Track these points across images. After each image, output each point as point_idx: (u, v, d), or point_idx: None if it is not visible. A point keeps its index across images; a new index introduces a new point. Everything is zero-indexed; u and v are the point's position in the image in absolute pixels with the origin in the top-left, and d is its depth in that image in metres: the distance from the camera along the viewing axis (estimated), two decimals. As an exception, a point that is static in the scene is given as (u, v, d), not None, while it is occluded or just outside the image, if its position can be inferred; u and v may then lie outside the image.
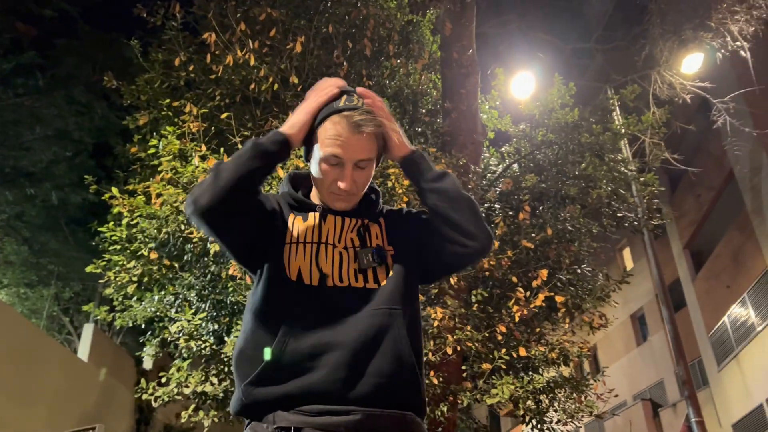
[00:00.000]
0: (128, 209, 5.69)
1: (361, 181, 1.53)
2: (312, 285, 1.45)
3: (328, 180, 1.51)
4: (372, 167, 1.55)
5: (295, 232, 1.52)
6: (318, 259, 1.48)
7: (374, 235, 1.57)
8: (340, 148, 1.46)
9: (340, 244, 1.52)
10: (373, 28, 6.21)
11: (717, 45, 9.78)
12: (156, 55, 6.29)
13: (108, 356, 13.78)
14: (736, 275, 14.81)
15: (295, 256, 1.48)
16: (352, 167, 1.48)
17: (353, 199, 1.56)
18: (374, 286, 1.47)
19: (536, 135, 7.90)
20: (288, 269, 1.46)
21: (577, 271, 6.60)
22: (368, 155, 1.51)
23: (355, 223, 1.57)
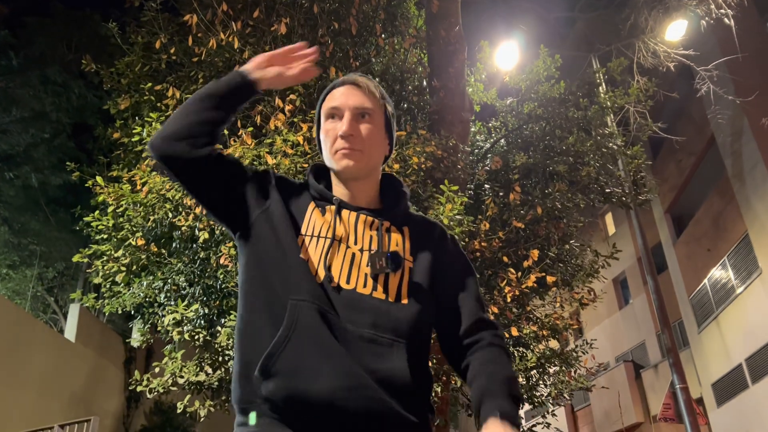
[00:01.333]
0: (114, 198, 5.59)
1: (365, 133, 1.43)
2: (317, 281, 1.33)
3: (330, 137, 1.44)
4: (377, 123, 1.47)
5: (311, 224, 1.42)
6: (328, 256, 1.37)
7: (394, 241, 1.44)
8: (336, 100, 1.45)
9: (355, 245, 1.40)
10: (358, 5, 6.07)
11: (701, 12, 9.75)
12: (136, 38, 6.11)
13: (95, 336, 13.75)
14: (717, 239, 15.05)
15: (307, 248, 1.38)
16: (351, 115, 1.42)
17: (360, 156, 1.42)
18: (382, 296, 1.35)
19: (523, 109, 7.87)
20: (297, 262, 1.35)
21: (565, 247, 6.65)
22: (368, 104, 1.44)
23: (373, 222, 1.44)
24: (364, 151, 1.43)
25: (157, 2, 6.00)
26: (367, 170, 1.47)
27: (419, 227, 1.52)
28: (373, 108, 1.45)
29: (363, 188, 1.48)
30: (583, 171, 6.43)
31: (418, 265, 1.44)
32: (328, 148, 1.44)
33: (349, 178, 1.46)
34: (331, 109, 1.45)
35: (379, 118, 1.47)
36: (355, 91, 1.45)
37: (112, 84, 6.28)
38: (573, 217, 6.92)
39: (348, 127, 1.40)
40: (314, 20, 6.11)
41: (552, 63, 8.46)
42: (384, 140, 1.50)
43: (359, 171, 1.45)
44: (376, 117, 1.46)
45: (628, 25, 9.66)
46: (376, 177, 1.52)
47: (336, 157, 1.43)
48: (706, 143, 15.46)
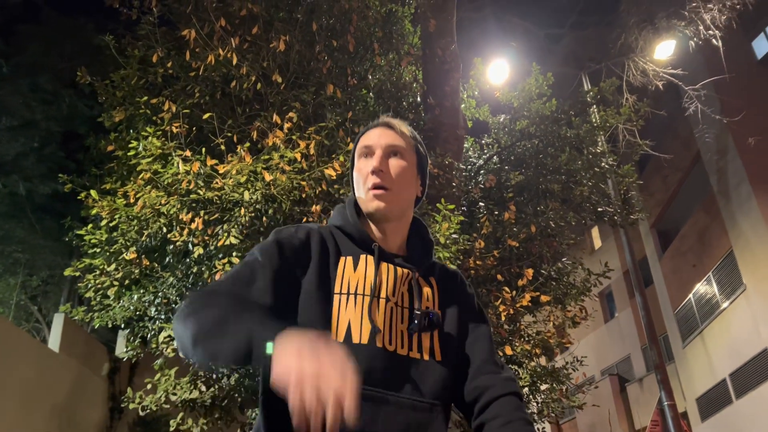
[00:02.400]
0: (108, 211, 5.54)
1: (395, 170, 1.43)
2: (361, 343, 1.31)
3: (362, 176, 1.45)
4: (409, 164, 1.46)
5: (345, 281, 1.38)
6: (371, 313, 1.34)
7: (425, 296, 1.45)
8: (369, 140, 1.47)
9: (393, 298, 1.39)
10: (355, 23, 6.10)
11: (690, 33, 9.91)
12: (132, 50, 6.08)
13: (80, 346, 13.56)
14: (702, 254, 15.22)
15: (345, 307, 1.34)
16: (382, 152, 1.44)
17: (390, 197, 1.42)
18: (417, 355, 1.36)
19: (515, 126, 7.93)
20: (336, 325, 1.32)
21: (558, 265, 6.69)
22: (400, 143, 1.46)
23: (407, 275, 1.43)
24: (394, 189, 1.43)
25: (154, 16, 5.98)
26: (398, 211, 1.47)
27: (444, 278, 1.53)
28: (404, 147, 1.47)
29: (395, 230, 1.48)
30: (576, 190, 6.48)
31: (447, 321, 1.45)
32: (361, 186, 1.45)
33: (381, 219, 1.46)
34: (363, 148, 1.47)
35: (411, 157, 1.48)
36: (388, 132, 1.48)
37: (106, 96, 6.24)
38: (564, 235, 6.97)
39: (378, 162, 1.42)
40: (312, 37, 6.12)
41: (544, 81, 8.54)
42: (415, 180, 1.50)
43: (390, 212, 1.45)
44: (408, 156, 1.47)
45: (618, 44, 9.78)
46: (408, 219, 1.52)
47: (367, 198, 1.43)
48: (692, 160, 15.66)
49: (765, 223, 12.55)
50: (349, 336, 1.31)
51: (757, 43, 16.25)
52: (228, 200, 5.43)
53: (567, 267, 6.79)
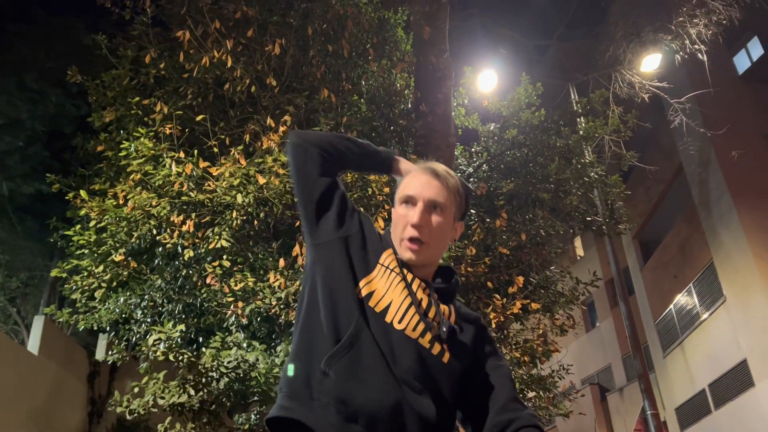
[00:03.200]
0: (97, 212, 5.48)
1: (433, 226, 1.49)
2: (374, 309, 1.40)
3: (401, 223, 1.51)
4: (448, 218, 1.52)
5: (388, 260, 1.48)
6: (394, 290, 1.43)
7: (443, 311, 1.49)
8: (413, 189, 1.52)
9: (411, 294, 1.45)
10: (351, 29, 6.12)
11: (676, 47, 10.06)
12: (124, 51, 6.03)
13: (59, 349, 13.37)
14: (683, 266, 15.40)
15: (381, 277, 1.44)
16: (423, 206, 1.48)
17: (425, 250, 1.49)
18: (427, 345, 1.40)
19: (505, 135, 7.99)
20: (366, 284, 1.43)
21: (546, 273, 6.74)
22: (442, 198, 1.50)
23: (426, 287, 1.50)
24: (430, 244, 1.49)
25: (148, 17, 5.94)
26: (429, 261, 1.53)
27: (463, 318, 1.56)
28: (445, 203, 1.51)
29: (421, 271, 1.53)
30: (566, 199, 6.55)
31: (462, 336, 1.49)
32: (398, 233, 1.51)
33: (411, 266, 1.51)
34: (406, 196, 1.52)
35: (450, 211, 1.53)
36: (433, 182, 1.52)
37: (97, 96, 6.18)
38: (552, 244, 7.03)
39: (419, 218, 1.47)
40: (306, 41, 6.13)
41: (533, 91, 8.63)
42: (450, 231, 1.56)
43: (421, 263, 1.50)
44: (448, 211, 1.52)
45: (606, 56, 9.91)
46: (436, 264, 1.58)
47: (402, 247, 1.50)
48: (674, 172, 15.87)
49: (745, 236, 12.74)
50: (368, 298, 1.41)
51: (739, 58, 16.56)
52: (220, 203, 5.41)
53: (555, 275, 6.84)
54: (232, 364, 4.90)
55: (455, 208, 1.55)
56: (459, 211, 1.57)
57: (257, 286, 5.22)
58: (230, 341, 5.30)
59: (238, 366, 4.88)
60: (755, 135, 14.03)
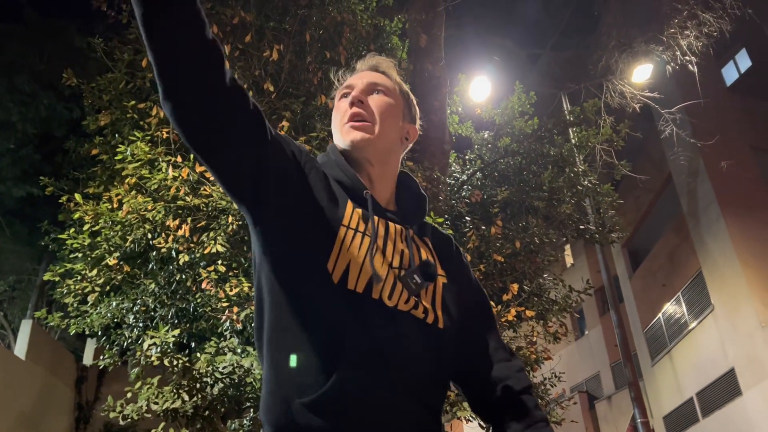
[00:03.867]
0: (91, 216, 5.45)
1: (377, 103, 1.30)
2: (356, 291, 1.14)
3: (341, 111, 1.32)
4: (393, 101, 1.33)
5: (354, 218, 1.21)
6: (373, 258, 1.18)
7: (424, 255, 1.29)
8: (351, 79, 1.36)
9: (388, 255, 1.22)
10: (348, 35, 6.14)
11: (667, 58, 10.18)
12: (121, 54, 6.02)
13: (47, 354, 13.24)
14: (672, 274, 15.52)
15: (349, 245, 1.17)
16: (363, 86, 1.31)
17: (370, 129, 1.28)
18: (421, 315, 1.20)
19: (498, 143, 8.04)
20: (334, 262, 1.14)
21: (539, 280, 6.78)
22: (384, 82, 1.34)
23: (401, 231, 1.27)
24: (374, 123, 1.29)
25: (145, 20, 5.92)
26: (380, 149, 1.30)
27: (439, 242, 1.39)
28: (389, 87, 1.35)
29: (380, 178, 1.32)
30: (559, 207, 6.60)
31: (450, 282, 1.32)
32: (338, 124, 1.32)
33: (361, 157, 1.30)
34: (344, 89, 1.35)
35: (396, 97, 1.35)
36: (371, 73, 1.36)
37: (92, 99, 6.16)
38: (546, 252, 7.07)
39: (357, 92, 1.30)
40: (303, 47, 6.14)
41: (526, 99, 8.69)
42: (399, 120, 1.35)
43: (370, 147, 1.29)
44: (392, 95, 1.35)
45: (598, 65, 10.01)
46: (394, 169, 1.35)
47: (344, 131, 1.29)
48: (664, 181, 16.01)
49: (733, 245, 12.87)
50: (344, 280, 1.14)
51: (727, 70, 16.79)
52: (215, 207, 5.40)
53: (548, 283, 6.88)
54: (227, 369, 4.88)
55: (402, 101, 1.38)
56: (407, 110, 1.39)
57: (252, 291, 5.21)
58: (225, 347, 5.28)
59: (233, 371, 4.87)
60: (743, 146, 14.21)
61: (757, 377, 11.84)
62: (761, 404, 11.64)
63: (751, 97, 15.47)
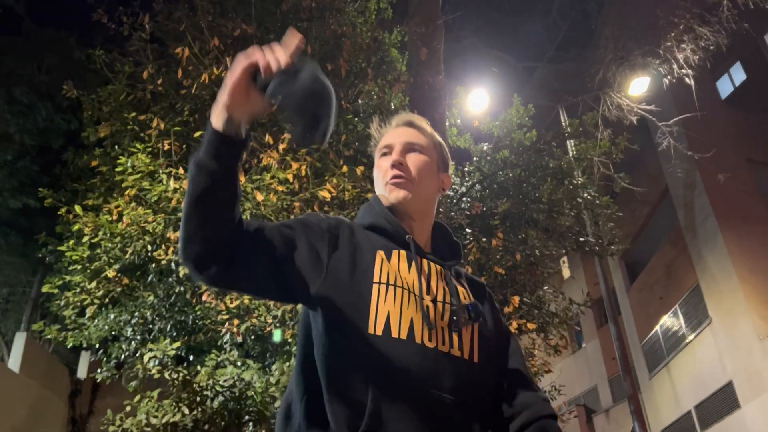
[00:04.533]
0: (91, 228, 5.42)
1: (415, 163, 1.42)
2: (400, 338, 1.24)
3: (382, 171, 1.44)
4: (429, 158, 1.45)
5: (384, 271, 1.30)
6: (409, 307, 1.27)
7: (461, 294, 1.38)
8: (388, 138, 1.47)
9: (428, 295, 1.32)
10: (348, 48, 6.16)
11: (664, 71, 10.24)
12: (121, 66, 6.02)
13: (41, 367, 13.12)
14: (669, 287, 15.53)
15: (384, 298, 1.26)
16: (401, 147, 1.43)
17: (411, 187, 1.39)
18: (458, 353, 1.29)
19: (497, 155, 8.05)
20: (374, 316, 1.24)
21: (538, 293, 6.76)
22: (419, 140, 1.45)
23: (441, 271, 1.38)
24: (414, 181, 1.41)
25: (146, 32, 5.94)
26: (420, 204, 1.42)
27: (473, 286, 1.47)
28: (424, 145, 1.46)
29: (420, 229, 1.43)
30: (560, 220, 6.60)
31: (484, 323, 1.39)
32: (381, 181, 1.44)
33: (403, 211, 1.41)
34: (383, 148, 1.47)
35: (431, 153, 1.47)
36: (408, 130, 1.48)
37: (92, 111, 6.14)
38: (545, 264, 7.07)
39: (397, 155, 1.41)
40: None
41: (525, 112, 8.72)
42: (436, 175, 1.48)
43: (411, 203, 1.40)
44: (428, 152, 1.46)
45: (596, 78, 10.06)
46: (431, 219, 1.48)
47: (388, 188, 1.41)
48: (660, 194, 16.05)
49: (730, 258, 12.89)
50: (388, 329, 1.24)
51: (722, 83, 16.90)
52: (216, 219, 5.37)
53: (548, 295, 6.87)
54: (228, 382, 4.84)
55: (436, 154, 1.49)
56: (441, 161, 1.50)
57: (252, 304, 5.18)
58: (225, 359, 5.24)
59: (234, 385, 4.83)
60: (739, 159, 14.28)
61: (756, 390, 11.82)
62: (760, 417, 11.61)
63: (746, 110, 15.57)
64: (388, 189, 1.41)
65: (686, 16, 9.20)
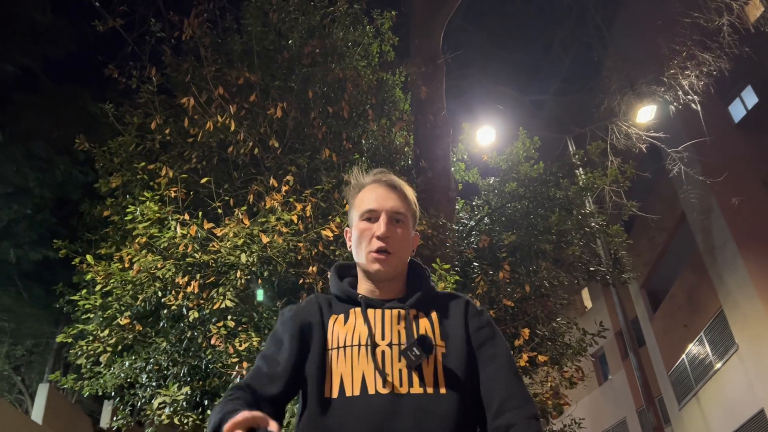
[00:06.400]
0: (102, 276, 5.53)
1: (398, 237, 1.50)
2: (354, 396, 1.34)
3: (365, 238, 1.51)
4: (409, 229, 1.55)
5: (335, 336, 1.44)
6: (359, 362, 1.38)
7: (422, 329, 1.44)
8: (375, 202, 1.52)
9: (383, 341, 1.41)
10: (351, 90, 6.31)
11: (670, 98, 10.27)
12: (131, 118, 6.22)
13: (63, 417, 13.18)
14: (692, 314, 15.24)
15: (337, 362, 1.40)
16: (387, 218, 1.50)
17: (392, 260, 1.50)
18: (419, 390, 1.34)
19: (504, 188, 8.10)
20: (330, 382, 1.38)
21: (552, 324, 6.71)
22: (403, 209, 1.53)
23: (399, 314, 1.47)
24: (396, 253, 1.50)
25: (154, 85, 6.15)
26: (396, 272, 1.53)
27: (446, 307, 1.52)
28: (406, 214, 1.55)
29: (390, 287, 1.54)
30: (568, 250, 6.59)
31: (450, 348, 1.42)
32: (364, 248, 1.51)
33: (379, 279, 1.52)
34: (367, 212, 1.52)
35: (410, 222, 1.57)
36: (392, 195, 1.55)
37: (104, 162, 6.33)
38: (557, 295, 7.02)
39: (385, 229, 1.49)
40: (307, 104, 6.30)
41: (531, 144, 8.78)
42: (411, 240, 1.58)
43: (390, 274, 1.51)
44: (408, 222, 1.55)
45: (601, 108, 10.12)
46: (403, 273, 1.58)
47: (369, 259, 1.49)
48: (677, 220, 15.90)
49: (752, 282, 12.66)
50: (342, 391, 1.36)
51: (734, 107, 16.84)
52: (224, 263, 5.45)
53: (562, 327, 6.81)
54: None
55: (412, 220, 1.59)
56: (414, 222, 1.61)
57: (262, 346, 5.21)
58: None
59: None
60: (754, 181, 14.14)
61: (788, 417, 11.47)
62: (794, 446, 11.23)
63: (760, 133, 15.47)
64: (370, 258, 1.49)
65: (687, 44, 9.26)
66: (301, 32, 6.79)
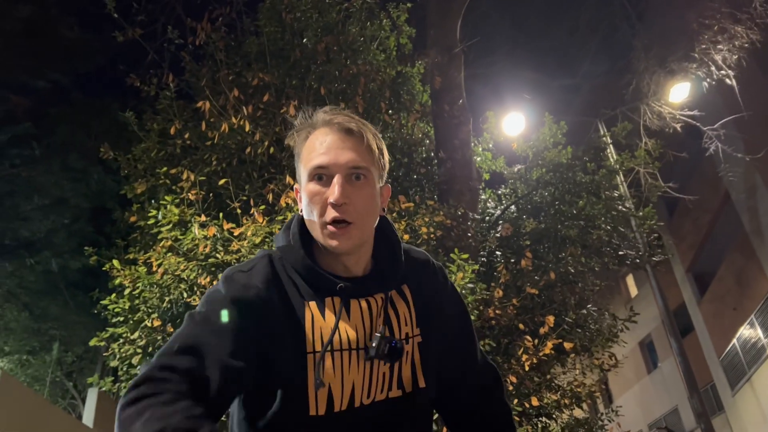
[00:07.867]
0: (130, 280, 5.67)
1: (360, 200, 1.17)
2: (341, 410, 1.17)
3: (317, 204, 1.16)
4: (373, 185, 1.20)
5: (318, 334, 1.16)
6: (350, 370, 1.18)
7: (402, 319, 1.25)
8: (325, 156, 1.16)
9: (371, 341, 1.19)
10: (364, 85, 6.30)
11: (702, 74, 9.94)
12: (152, 125, 6.36)
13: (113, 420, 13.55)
14: (742, 297, 14.74)
15: (322, 370, 1.15)
16: (343, 177, 1.15)
17: (353, 231, 1.16)
18: (398, 393, 1.23)
19: (531, 175, 7.97)
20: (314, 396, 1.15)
21: (582, 311, 6.57)
22: (364, 161, 1.17)
23: (380, 304, 1.23)
24: (357, 222, 1.17)
25: (171, 91, 6.26)
26: (360, 245, 1.22)
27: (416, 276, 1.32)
28: (368, 166, 1.18)
29: (357, 258, 1.24)
30: (594, 234, 6.44)
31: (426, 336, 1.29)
32: (316, 217, 1.17)
33: (340, 255, 1.22)
34: (316, 168, 1.17)
35: (374, 175, 1.21)
36: (347, 142, 1.18)
37: (129, 169, 6.48)
38: (588, 281, 6.88)
39: (340, 194, 1.13)
40: (322, 100, 6.33)
41: (558, 129, 8.61)
42: (377, 195, 1.23)
43: (353, 248, 1.20)
44: (371, 176, 1.20)
45: (630, 89, 9.86)
46: (370, 243, 1.27)
47: (324, 234, 1.16)
48: (722, 200, 15.39)
49: (803, 261, 12.17)
50: (330, 406, 1.16)
51: (777, 80, 16.18)
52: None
53: (593, 314, 6.66)
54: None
55: (377, 170, 1.22)
56: (382, 170, 1.25)
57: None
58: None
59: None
60: (801, 155, 13.56)
61: None
62: None
63: (806, 105, 14.82)
64: (325, 234, 1.16)
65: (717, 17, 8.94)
66: (316, 30, 6.82)
